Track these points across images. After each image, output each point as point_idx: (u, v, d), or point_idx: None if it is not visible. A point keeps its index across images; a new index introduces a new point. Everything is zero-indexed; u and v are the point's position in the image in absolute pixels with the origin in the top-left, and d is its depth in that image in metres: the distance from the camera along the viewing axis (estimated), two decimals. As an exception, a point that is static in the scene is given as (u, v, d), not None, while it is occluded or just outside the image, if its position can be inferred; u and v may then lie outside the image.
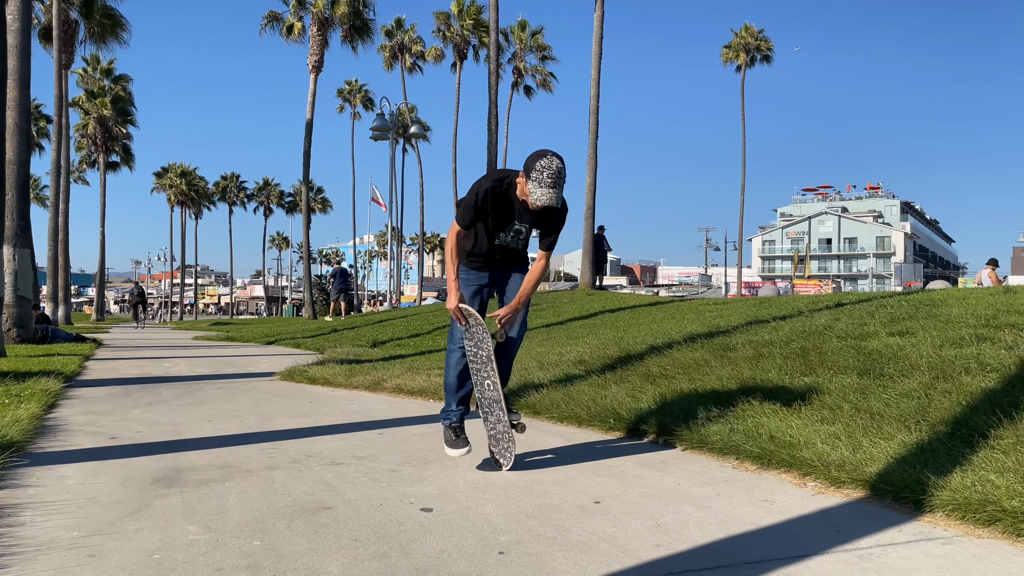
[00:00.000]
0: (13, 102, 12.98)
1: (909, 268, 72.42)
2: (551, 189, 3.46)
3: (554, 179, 3.47)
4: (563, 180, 3.51)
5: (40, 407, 5.34)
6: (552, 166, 3.47)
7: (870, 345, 5.50)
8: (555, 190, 3.48)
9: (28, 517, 2.90)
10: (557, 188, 3.48)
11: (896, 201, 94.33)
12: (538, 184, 3.47)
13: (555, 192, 3.48)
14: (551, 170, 3.46)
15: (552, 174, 3.46)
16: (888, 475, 3.22)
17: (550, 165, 3.47)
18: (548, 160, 3.48)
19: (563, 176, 3.50)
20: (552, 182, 3.47)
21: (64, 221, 30.73)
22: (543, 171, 3.47)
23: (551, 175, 3.46)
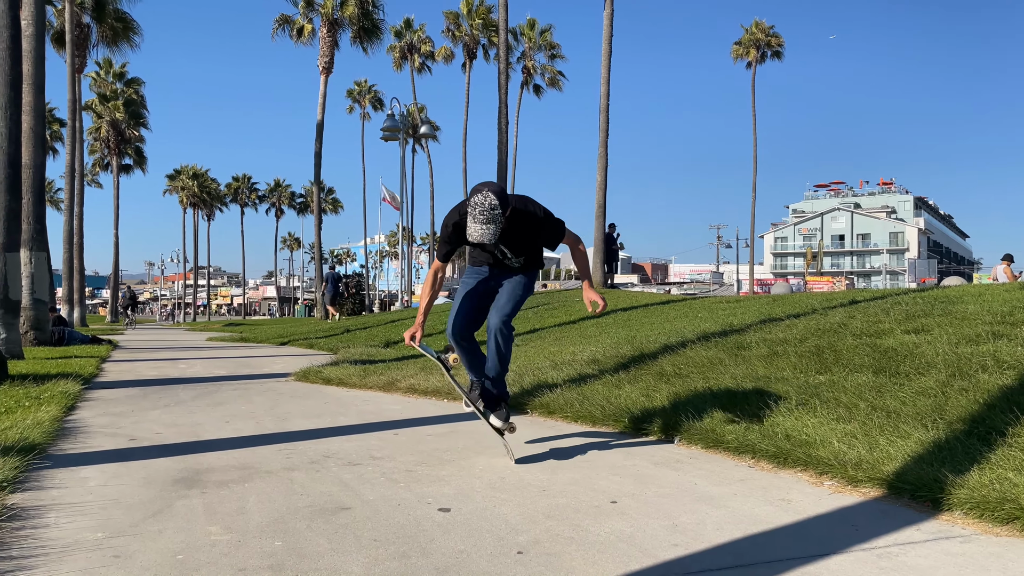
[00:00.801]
0: (28, 106, 13.10)
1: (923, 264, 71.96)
2: (483, 225, 3.50)
3: (487, 215, 3.50)
4: (497, 215, 3.52)
5: (60, 409, 5.40)
6: (485, 202, 3.50)
7: (885, 343, 5.49)
8: (488, 226, 3.51)
9: (53, 519, 2.95)
10: (492, 224, 3.51)
11: (909, 196, 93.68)
12: (472, 219, 3.53)
13: (487, 228, 3.51)
14: (483, 206, 3.50)
15: (484, 211, 3.50)
16: (905, 474, 3.21)
17: (482, 202, 3.51)
18: (482, 196, 3.52)
19: (496, 210, 3.51)
20: (485, 218, 3.50)
21: (79, 224, 30.97)
22: (475, 207, 3.52)
23: (483, 211, 3.50)
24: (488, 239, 3.53)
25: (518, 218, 3.74)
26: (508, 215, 3.68)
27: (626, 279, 75.29)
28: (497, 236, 3.57)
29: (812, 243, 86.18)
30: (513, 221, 3.72)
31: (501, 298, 3.96)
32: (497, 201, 3.53)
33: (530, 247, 3.91)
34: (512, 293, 3.96)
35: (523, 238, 3.82)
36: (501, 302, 3.94)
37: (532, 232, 3.81)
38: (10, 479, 3.39)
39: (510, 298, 3.95)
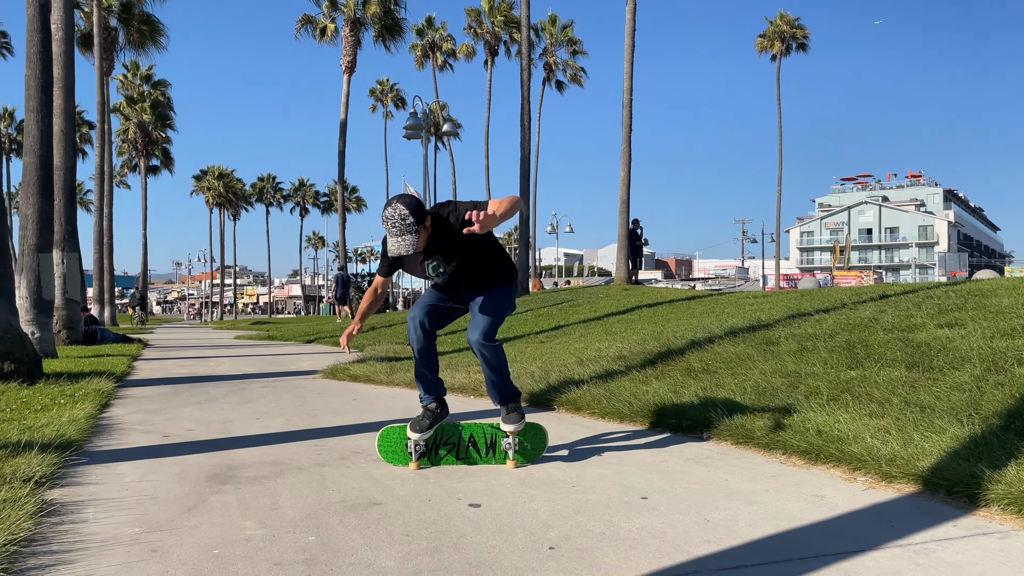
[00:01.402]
0: (59, 109, 13.32)
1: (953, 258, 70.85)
2: (398, 238, 3.41)
3: (399, 227, 3.40)
4: (410, 224, 3.39)
5: (95, 407, 5.50)
6: (395, 215, 3.39)
7: (918, 337, 5.41)
8: (403, 238, 3.41)
9: (91, 514, 3.00)
10: (407, 235, 3.41)
11: (939, 189, 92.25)
12: (389, 234, 3.44)
13: (403, 240, 3.41)
14: (394, 219, 3.40)
15: (396, 223, 3.40)
16: (941, 469, 3.17)
17: (392, 215, 3.40)
18: (391, 209, 3.41)
19: (408, 220, 3.39)
20: (398, 230, 3.40)
21: (108, 225, 31.43)
22: (387, 221, 3.42)
23: (394, 224, 3.40)
24: (406, 251, 3.42)
25: (443, 224, 3.55)
26: (432, 223, 3.52)
27: (650, 275, 74.96)
28: (417, 246, 3.44)
29: (839, 237, 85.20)
30: (439, 227, 3.55)
31: (476, 314, 3.74)
32: (408, 211, 3.40)
33: (470, 247, 3.61)
34: (488, 306, 3.74)
35: (456, 241, 3.57)
36: (478, 319, 3.73)
37: (456, 236, 3.54)
38: (49, 475, 3.45)
39: (486, 310, 3.73)
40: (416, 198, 3.50)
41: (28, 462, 3.50)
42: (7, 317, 6.98)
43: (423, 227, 3.47)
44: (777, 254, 51.84)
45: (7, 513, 2.73)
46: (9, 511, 2.76)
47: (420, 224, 3.44)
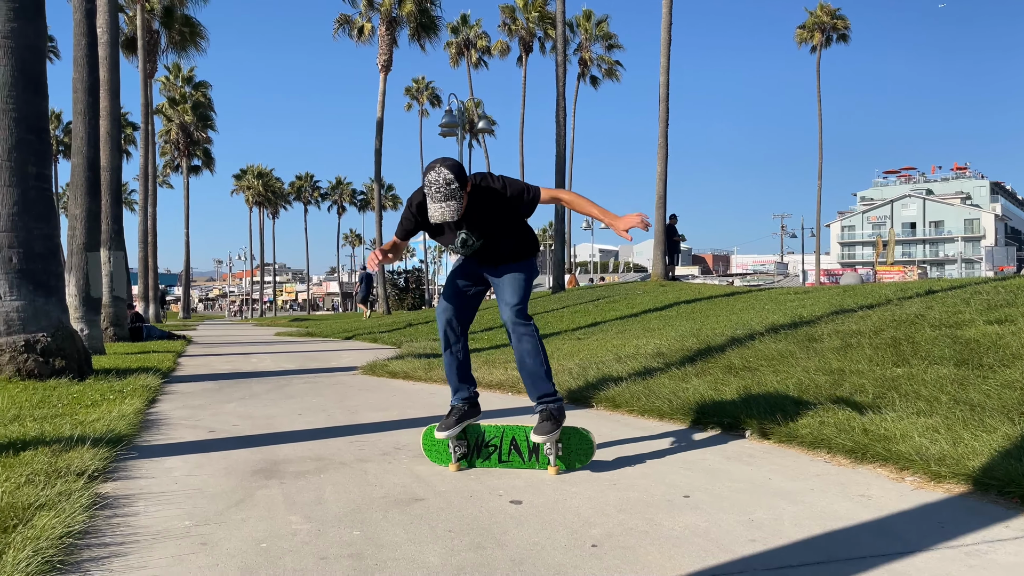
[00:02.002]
0: (105, 111, 13.64)
1: (1001, 251, 69.01)
2: (442, 203, 3.29)
3: (444, 192, 3.28)
4: (455, 190, 3.28)
5: (142, 402, 5.63)
6: (439, 179, 3.27)
7: (967, 334, 5.29)
8: (447, 203, 3.29)
9: (142, 507, 3.07)
10: (451, 200, 3.29)
11: (985, 181, 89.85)
12: (431, 199, 3.31)
13: (446, 205, 3.29)
14: (438, 184, 3.27)
15: (440, 187, 3.27)
16: (992, 469, 3.09)
17: (436, 179, 3.28)
18: (435, 173, 3.29)
19: (453, 185, 3.27)
20: (443, 195, 3.28)
21: (152, 224, 32.13)
22: (431, 186, 3.29)
23: (439, 189, 3.28)
24: (451, 217, 3.30)
25: (482, 194, 3.47)
26: (471, 192, 3.43)
27: (687, 271, 74.28)
28: (460, 213, 3.32)
29: (882, 231, 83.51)
30: (477, 197, 3.46)
31: (505, 291, 3.62)
32: (452, 176, 3.28)
33: (502, 222, 3.56)
34: (514, 279, 3.63)
35: (491, 214, 3.51)
36: (506, 294, 3.61)
37: (500, 204, 3.50)
38: (101, 469, 3.54)
39: (513, 285, 3.61)
40: (458, 162, 3.39)
41: (81, 456, 3.60)
42: (58, 315, 7.17)
43: (465, 193, 3.37)
44: (817, 249, 50.99)
45: (62, 506, 2.81)
46: (64, 504, 2.85)
47: (463, 190, 3.35)
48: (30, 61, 7.20)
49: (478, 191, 3.47)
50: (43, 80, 7.40)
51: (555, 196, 3.63)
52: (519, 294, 3.61)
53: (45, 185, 7.29)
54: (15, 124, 7.04)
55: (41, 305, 7.00)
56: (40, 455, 3.61)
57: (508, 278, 3.64)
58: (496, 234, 3.60)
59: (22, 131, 7.08)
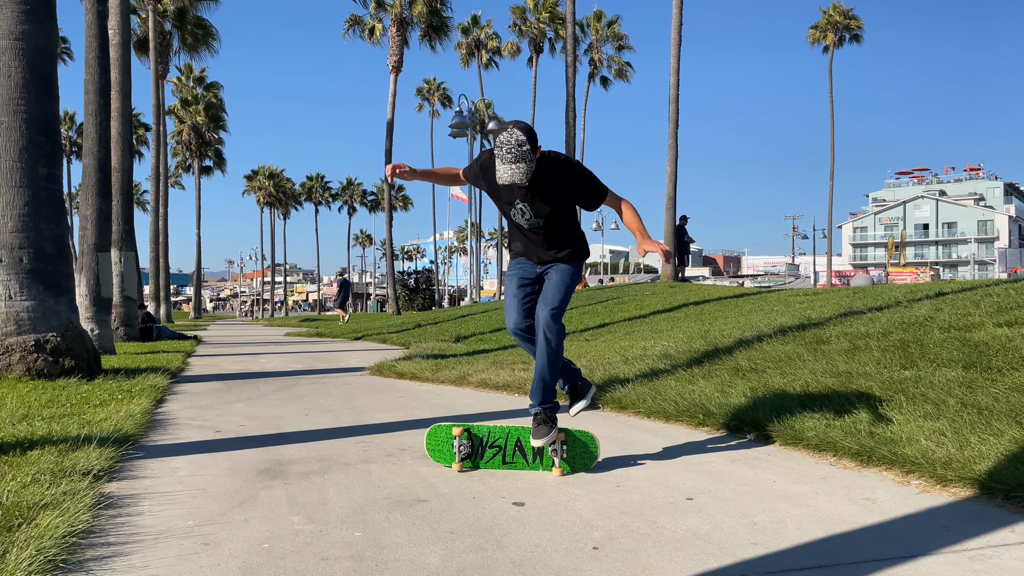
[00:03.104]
0: (116, 112, 13.74)
1: (1015, 253, 68.47)
2: (511, 165, 3.23)
3: (515, 153, 3.22)
4: (526, 152, 3.23)
5: (150, 402, 5.66)
6: (511, 139, 3.22)
7: (976, 336, 5.25)
8: (516, 165, 3.23)
9: (146, 507, 3.09)
10: (520, 162, 3.23)
11: (999, 183, 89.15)
12: (500, 160, 3.26)
13: (516, 167, 3.23)
14: (509, 144, 3.22)
15: (511, 147, 3.21)
16: (999, 473, 3.07)
17: (508, 139, 3.23)
18: (507, 134, 3.25)
19: (524, 147, 3.22)
20: (513, 156, 3.22)
21: (163, 224, 32.32)
22: (502, 146, 3.23)
23: (510, 149, 3.22)
24: (519, 179, 3.25)
25: (550, 166, 3.44)
26: (539, 160, 3.40)
27: (697, 272, 74.10)
28: (529, 176, 3.27)
29: (894, 233, 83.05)
30: (544, 168, 3.43)
31: (548, 289, 3.63)
32: (525, 137, 3.23)
33: (561, 204, 3.54)
34: (559, 281, 3.63)
35: (554, 191, 3.48)
36: (548, 293, 3.61)
37: (565, 185, 3.48)
38: (107, 469, 3.56)
39: (557, 287, 3.61)
40: (530, 126, 3.36)
41: (87, 456, 3.62)
42: (68, 315, 7.22)
43: (535, 158, 3.33)
44: (829, 250, 50.72)
45: (67, 506, 2.83)
46: (69, 504, 2.86)
47: (534, 153, 3.30)
48: (41, 63, 7.26)
49: (549, 162, 3.45)
50: (54, 82, 7.46)
51: (619, 202, 3.62)
52: (561, 295, 3.61)
53: (55, 186, 7.35)
54: (26, 125, 7.10)
55: (51, 305, 7.05)
56: (47, 454, 3.63)
57: (555, 277, 3.65)
58: (553, 217, 3.57)
59: (33, 132, 7.13)
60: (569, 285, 3.65)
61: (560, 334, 3.61)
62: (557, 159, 3.50)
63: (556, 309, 3.57)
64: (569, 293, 3.65)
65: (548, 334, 3.57)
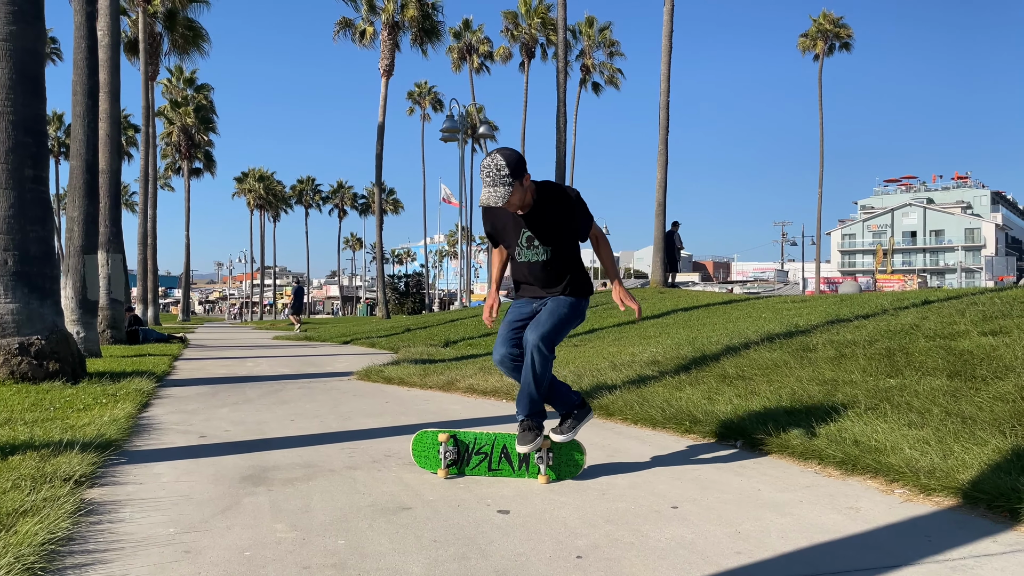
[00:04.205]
0: (105, 114, 13.66)
1: (1001, 261, 69.02)
2: (490, 188, 3.32)
3: (493, 177, 3.31)
4: (505, 176, 3.30)
5: (135, 406, 5.62)
6: (491, 164, 3.32)
7: (961, 345, 5.28)
8: (494, 188, 3.31)
9: (127, 514, 3.06)
10: (499, 186, 3.31)
11: (986, 191, 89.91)
12: (483, 184, 3.36)
13: (494, 191, 3.31)
14: (488, 168, 3.32)
15: (490, 172, 3.31)
16: (982, 482, 3.08)
17: (489, 164, 3.33)
18: (489, 159, 3.35)
19: (503, 171, 3.30)
20: (492, 180, 3.31)
21: (152, 226, 32.13)
22: (484, 170, 3.35)
23: (489, 173, 3.32)
24: (494, 202, 3.32)
25: (547, 194, 3.51)
26: (539, 189, 3.49)
27: (687, 277, 74.27)
28: (504, 200, 3.32)
29: (882, 240, 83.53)
30: (544, 196, 3.50)
31: (542, 315, 3.59)
32: (504, 162, 3.32)
33: (560, 233, 3.56)
34: (555, 310, 3.58)
35: (552, 220, 3.53)
36: (542, 318, 3.57)
37: (563, 214, 3.52)
38: (88, 474, 3.53)
39: (551, 314, 3.57)
40: (518, 154, 3.42)
41: (69, 461, 3.59)
42: (52, 317, 7.17)
43: (519, 184, 3.37)
44: (817, 257, 50.98)
45: (47, 512, 2.80)
46: (49, 510, 2.84)
47: (516, 180, 3.35)
48: (29, 64, 7.21)
49: (546, 190, 3.53)
50: (41, 83, 7.41)
51: (597, 234, 3.70)
52: (553, 322, 3.54)
53: (42, 188, 7.29)
54: (12, 127, 7.05)
55: (36, 308, 7.00)
56: (28, 460, 3.60)
57: (551, 306, 3.62)
58: (558, 248, 3.58)
59: (19, 134, 7.08)
60: (564, 315, 3.57)
61: (546, 361, 3.52)
62: (556, 188, 3.56)
63: (546, 335, 3.49)
64: (563, 323, 3.57)
65: (534, 355, 3.49)
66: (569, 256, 3.66)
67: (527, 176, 3.42)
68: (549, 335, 3.51)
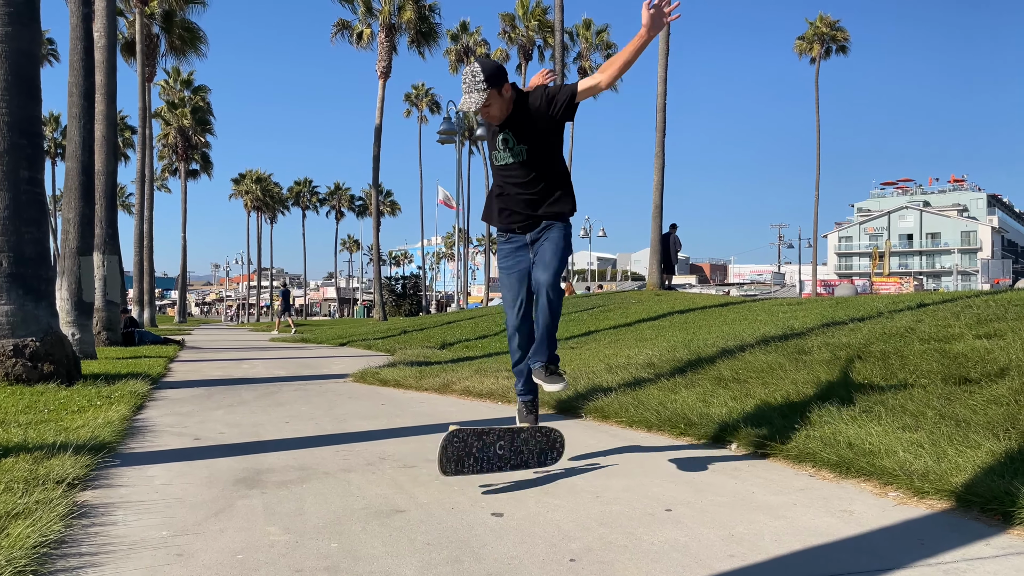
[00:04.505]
0: (101, 115, 13.64)
1: (997, 264, 69.16)
2: (466, 95, 3.43)
3: (468, 83, 3.42)
4: (479, 82, 3.40)
5: (129, 409, 5.60)
6: (468, 70, 3.45)
7: (955, 348, 5.29)
8: (469, 95, 3.42)
9: (120, 516, 3.05)
10: (473, 92, 3.41)
11: (982, 194, 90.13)
12: (463, 91, 3.47)
13: (469, 97, 3.42)
14: (467, 75, 3.44)
15: (467, 78, 3.43)
16: (975, 485, 3.09)
17: (467, 70, 3.46)
18: (469, 67, 3.48)
19: (478, 77, 3.40)
20: (467, 87, 3.43)
21: (148, 228, 32.08)
22: (463, 77, 3.47)
23: (465, 80, 3.44)
24: (469, 107, 3.43)
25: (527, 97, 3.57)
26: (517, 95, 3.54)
27: (684, 280, 74.34)
28: (478, 106, 3.42)
29: (878, 243, 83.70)
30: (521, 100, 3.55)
31: (546, 254, 3.67)
32: (480, 68, 3.43)
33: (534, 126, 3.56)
34: (556, 245, 3.67)
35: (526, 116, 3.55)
36: (546, 258, 3.66)
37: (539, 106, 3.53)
38: (81, 477, 3.52)
39: (555, 252, 3.67)
40: (498, 64, 3.51)
41: (62, 463, 3.58)
42: (47, 319, 7.15)
43: (496, 93, 3.45)
44: (814, 259, 51.04)
45: (39, 515, 2.79)
46: (41, 513, 2.83)
47: (492, 87, 3.43)
48: (24, 66, 7.20)
49: (527, 95, 3.57)
50: (37, 84, 7.40)
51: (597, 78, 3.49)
52: (560, 257, 3.66)
53: (37, 189, 7.28)
54: (8, 128, 7.04)
55: (31, 310, 6.98)
56: (21, 462, 3.59)
57: (551, 243, 3.68)
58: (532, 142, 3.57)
59: (15, 135, 7.07)
60: (563, 248, 3.70)
61: (561, 295, 3.71)
62: (533, 91, 3.61)
63: (555, 273, 3.64)
64: (566, 255, 3.73)
65: (551, 294, 3.63)
66: (549, 159, 3.64)
67: (507, 86, 3.49)
68: (558, 271, 3.66)
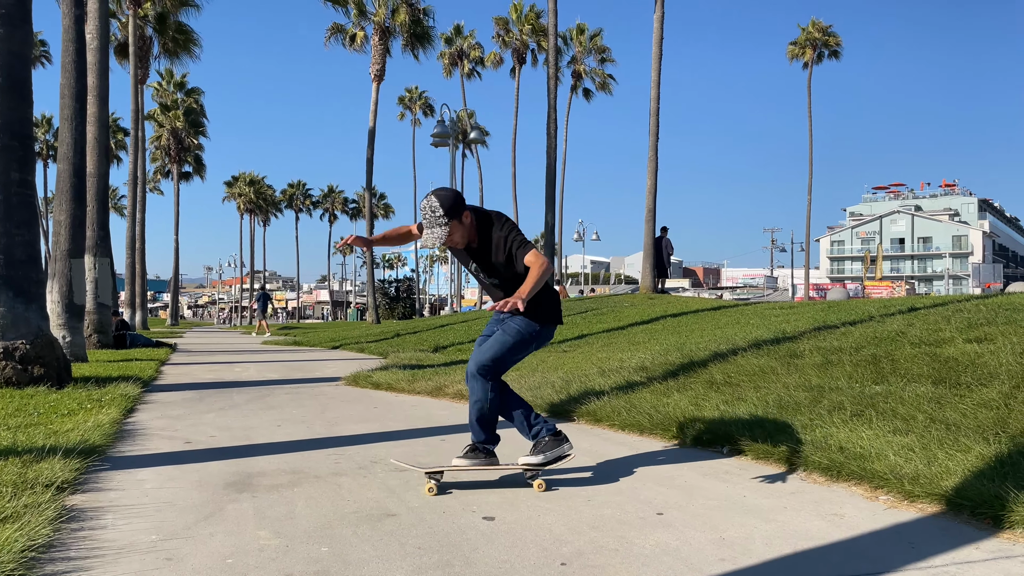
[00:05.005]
0: (93, 117, 13.59)
1: (988, 268, 69.53)
2: (428, 231, 3.42)
3: (429, 219, 3.41)
4: (439, 218, 3.38)
5: (120, 412, 5.58)
6: (427, 207, 3.41)
7: (946, 352, 5.31)
8: (431, 231, 3.40)
9: (110, 520, 3.04)
10: (435, 227, 3.39)
11: (973, 199, 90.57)
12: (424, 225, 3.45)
13: (431, 232, 3.40)
14: (425, 211, 3.42)
15: (426, 215, 3.41)
16: (965, 489, 3.10)
17: (425, 206, 3.42)
18: (426, 201, 3.44)
19: (437, 212, 3.38)
20: (428, 223, 3.41)
21: (141, 230, 31.97)
22: (422, 212, 3.44)
23: (426, 216, 3.42)
24: (432, 244, 3.41)
25: (486, 230, 3.52)
26: (479, 221, 3.51)
27: (677, 283, 74.49)
28: (441, 241, 3.40)
29: (870, 247, 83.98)
30: (484, 228, 3.52)
31: (489, 340, 3.61)
32: (438, 203, 3.40)
33: (501, 268, 3.55)
34: (500, 337, 3.56)
35: (494, 259, 3.54)
36: (486, 345, 3.60)
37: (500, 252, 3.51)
38: (71, 481, 3.50)
39: (495, 341, 3.56)
40: (455, 193, 3.48)
41: (51, 467, 3.55)
42: (37, 322, 7.11)
43: (457, 222, 3.43)
44: (807, 263, 51.20)
45: (28, 519, 2.77)
46: (30, 517, 2.81)
47: (453, 219, 3.41)
48: (15, 67, 7.17)
49: (485, 225, 3.54)
50: (28, 86, 7.37)
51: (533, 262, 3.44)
52: (494, 351, 3.54)
53: (28, 191, 7.24)
54: (-2, 130, 7.00)
55: (21, 312, 6.94)
56: (10, 466, 3.56)
57: (499, 333, 3.60)
58: (501, 276, 3.58)
59: (6, 137, 7.04)
60: (507, 343, 3.54)
61: (481, 389, 3.55)
62: (488, 226, 3.52)
63: (482, 365, 3.54)
64: (506, 349, 3.55)
65: (471, 384, 3.59)
66: (519, 275, 3.55)
67: (466, 213, 3.47)
68: (486, 364, 3.54)
